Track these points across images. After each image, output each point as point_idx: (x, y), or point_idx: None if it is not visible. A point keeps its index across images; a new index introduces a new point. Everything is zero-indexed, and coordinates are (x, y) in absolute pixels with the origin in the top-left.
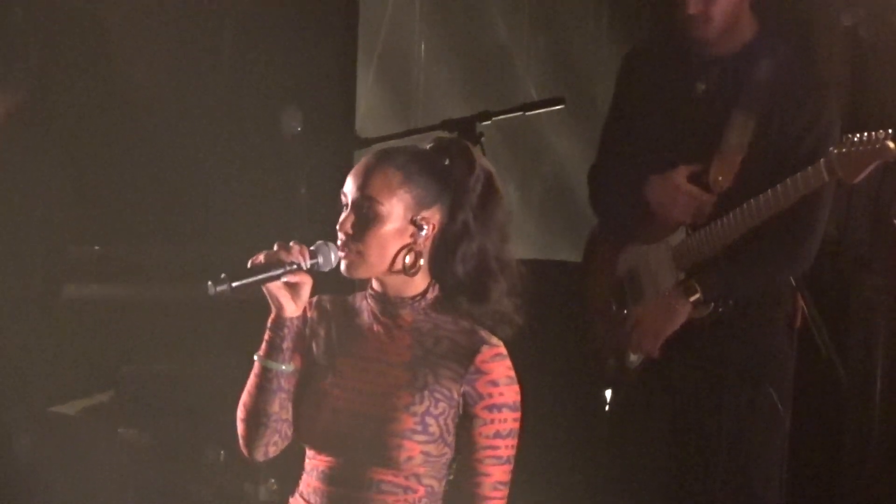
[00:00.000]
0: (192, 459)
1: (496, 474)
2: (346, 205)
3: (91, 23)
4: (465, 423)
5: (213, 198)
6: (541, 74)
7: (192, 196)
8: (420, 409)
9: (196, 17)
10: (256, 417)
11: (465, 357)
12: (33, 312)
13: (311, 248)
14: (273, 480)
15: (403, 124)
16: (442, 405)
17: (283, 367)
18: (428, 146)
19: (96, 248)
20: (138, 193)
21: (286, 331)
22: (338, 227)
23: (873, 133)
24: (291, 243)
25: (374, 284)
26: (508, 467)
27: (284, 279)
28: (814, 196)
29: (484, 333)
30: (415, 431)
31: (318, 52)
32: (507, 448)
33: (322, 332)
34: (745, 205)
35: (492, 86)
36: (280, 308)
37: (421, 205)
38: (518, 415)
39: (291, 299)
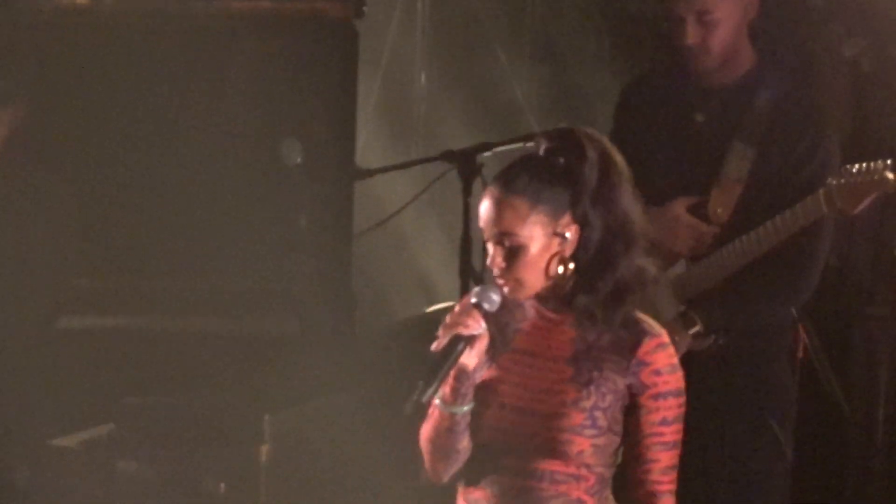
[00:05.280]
0: (192, 492)
1: (664, 459)
2: (488, 240)
3: (95, 54)
4: (632, 412)
5: (213, 229)
6: (541, 103)
7: (193, 227)
8: (588, 403)
9: (197, 48)
10: (447, 455)
11: (627, 349)
12: (34, 344)
13: (474, 299)
14: None
15: (404, 154)
16: (609, 398)
17: (466, 408)
18: (541, 149)
19: (96, 279)
20: (138, 225)
21: (469, 381)
22: (488, 262)
23: (872, 163)
24: (464, 311)
25: None
26: (676, 452)
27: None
28: (814, 227)
29: (645, 324)
30: (584, 427)
31: (317, 83)
32: (672, 433)
33: (490, 331)
34: (744, 236)
35: (492, 115)
36: (464, 364)
37: (556, 216)
38: (682, 400)
39: (474, 356)
